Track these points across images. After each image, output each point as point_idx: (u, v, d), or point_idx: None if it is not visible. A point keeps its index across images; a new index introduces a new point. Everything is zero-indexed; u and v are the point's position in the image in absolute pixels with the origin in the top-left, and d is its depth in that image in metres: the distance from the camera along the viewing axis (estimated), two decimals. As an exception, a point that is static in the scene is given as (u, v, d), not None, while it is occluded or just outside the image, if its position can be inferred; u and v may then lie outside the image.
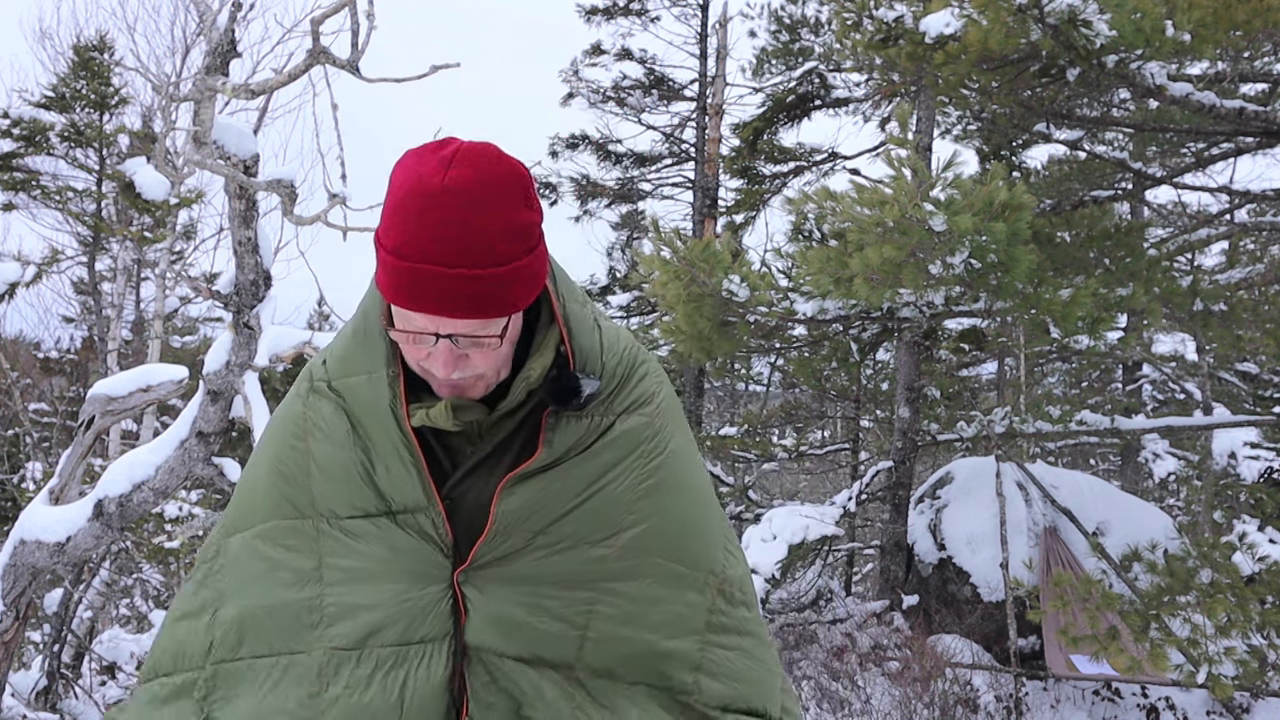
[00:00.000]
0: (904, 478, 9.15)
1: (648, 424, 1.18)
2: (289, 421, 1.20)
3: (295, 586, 1.12)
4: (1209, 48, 4.34)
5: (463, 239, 0.99)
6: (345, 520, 1.13)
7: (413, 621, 1.08)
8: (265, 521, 1.16)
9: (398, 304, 1.03)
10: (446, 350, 1.05)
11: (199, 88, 3.28)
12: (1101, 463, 16.66)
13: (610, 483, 1.15)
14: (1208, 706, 7.12)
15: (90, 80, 12.03)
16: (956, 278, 4.55)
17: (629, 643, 1.12)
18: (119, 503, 3.80)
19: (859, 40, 5.17)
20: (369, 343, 1.15)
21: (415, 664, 1.07)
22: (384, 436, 1.13)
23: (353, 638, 1.08)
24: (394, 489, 1.12)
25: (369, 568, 1.11)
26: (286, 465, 1.18)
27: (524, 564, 1.11)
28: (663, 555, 1.16)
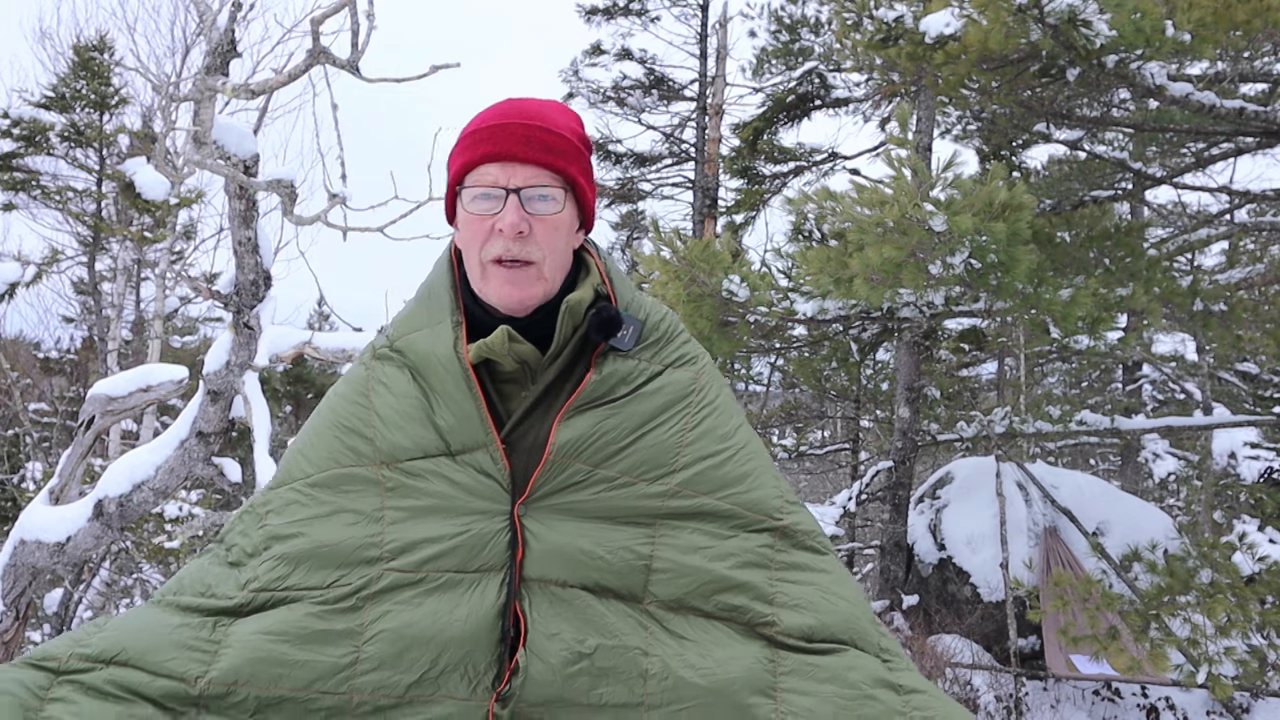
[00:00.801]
0: (904, 478, 9.15)
1: (694, 379, 1.27)
2: (352, 384, 1.28)
3: (356, 526, 1.15)
4: (1209, 48, 4.34)
5: (535, 108, 1.21)
6: (406, 463, 1.18)
7: (471, 552, 1.12)
8: (322, 471, 1.21)
9: (475, 159, 1.18)
10: (514, 210, 1.16)
11: (199, 88, 3.28)
12: (1101, 463, 16.66)
13: (660, 425, 1.21)
14: (1208, 706, 7.12)
15: (90, 80, 12.03)
16: (956, 278, 4.54)
17: (696, 572, 1.14)
18: (119, 503, 3.80)
19: (859, 40, 5.16)
20: (433, 301, 1.26)
21: (469, 590, 1.10)
22: (444, 378, 1.19)
23: (411, 564, 1.11)
24: (453, 429, 1.18)
25: (430, 504, 1.15)
26: (348, 420, 1.23)
27: (584, 497, 1.16)
28: (716, 496, 1.20)
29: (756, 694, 1.08)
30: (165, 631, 1.08)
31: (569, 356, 1.21)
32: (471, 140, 1.20)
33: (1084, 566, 7.18)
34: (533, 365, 1.20)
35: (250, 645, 1.06)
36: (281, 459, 1.30)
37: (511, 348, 1.18)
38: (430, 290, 1.28)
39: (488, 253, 1.18)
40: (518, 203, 1.16)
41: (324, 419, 1.26)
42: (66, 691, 1.00)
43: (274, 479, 1.26)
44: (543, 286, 1.19)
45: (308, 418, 1.51)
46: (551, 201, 1.18)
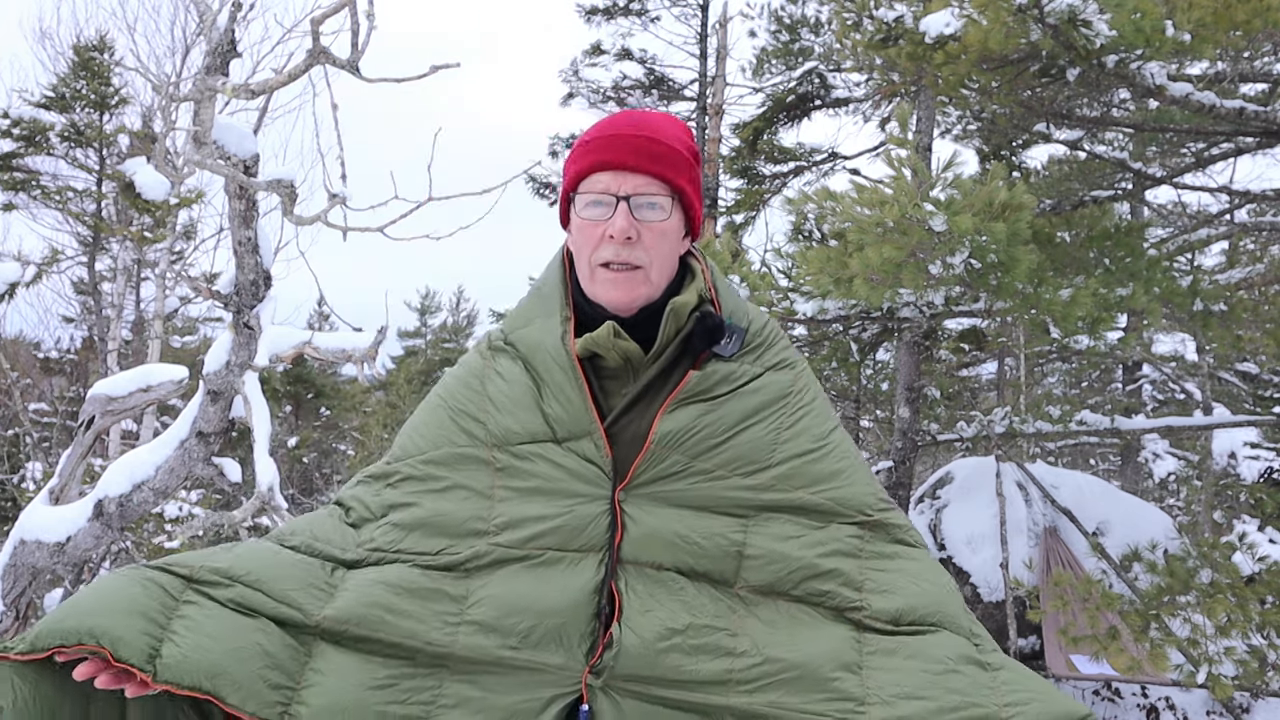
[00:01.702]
0: (904, 478, 9.15)
1: (793, 381, 1.34)
2: (468, 370, 1.37)
3: (468, 501, 1.24)
4: (1209, 48, 4.34)
5: (647, 120, 1.30)
6: (516, 446, 1.26)
7: (573, 532, 1.19)
8: (437, 449, 1.30)
9: (588, 167, 1.27)
10: (624, 216, 1.24)
11: (199, 88, 3.28)
12: (1101, 463, 16.66)
13: (759, 422, 1.27)
14: (1208, 706, 7.12)
15: (90, 80, 12.03)
16: (956, 278, 4.54)
17: (787, 559, 1.20)
18: (119, 503, 3.80)
19: (859, 40, 5.16)
20: (545, 297, 1.35)
21: (569, 566, 1.17)
22: (552, 369, 1.28)
23: (516, 540, 1.20)
24: (560, 417, 1.26)
25: (536, 485, 1.23)
26: (464, 404, 1.32)
27: (681, 487, 1.23)
28: (810, 491, 1.25)
29: (841, 669, 1.11)
30: (286, 566, 1.18)
31: (671, 356, 1.28)
32: (586, 149, 1.28)
33: (1084, 566, 7.18)
34: (635, 363, 1.27)
35: (366, 592, 1.15)
36: (398, 436, 1.39)
37: (616, 344, 1.25)
38: (542, 288, 1.37)
39: (598, 256, 1.26)
40: (627, 209, 1.24)
41: (440, 401, 1.36)
42: (197, 597, 1.09)
43: (391, 454, 1.35)
44: (647, 289, 1.27)
45: (308, 418, 1.61)
46: (659, 209, 1.26)
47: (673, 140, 1.29)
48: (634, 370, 1.27)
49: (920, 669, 1.11)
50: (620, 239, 1.23)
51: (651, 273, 1.26)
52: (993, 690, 1.08)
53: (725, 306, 1.34)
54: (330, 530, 1.27)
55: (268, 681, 1.06)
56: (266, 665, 1.07)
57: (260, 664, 1.06)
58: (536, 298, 1.37)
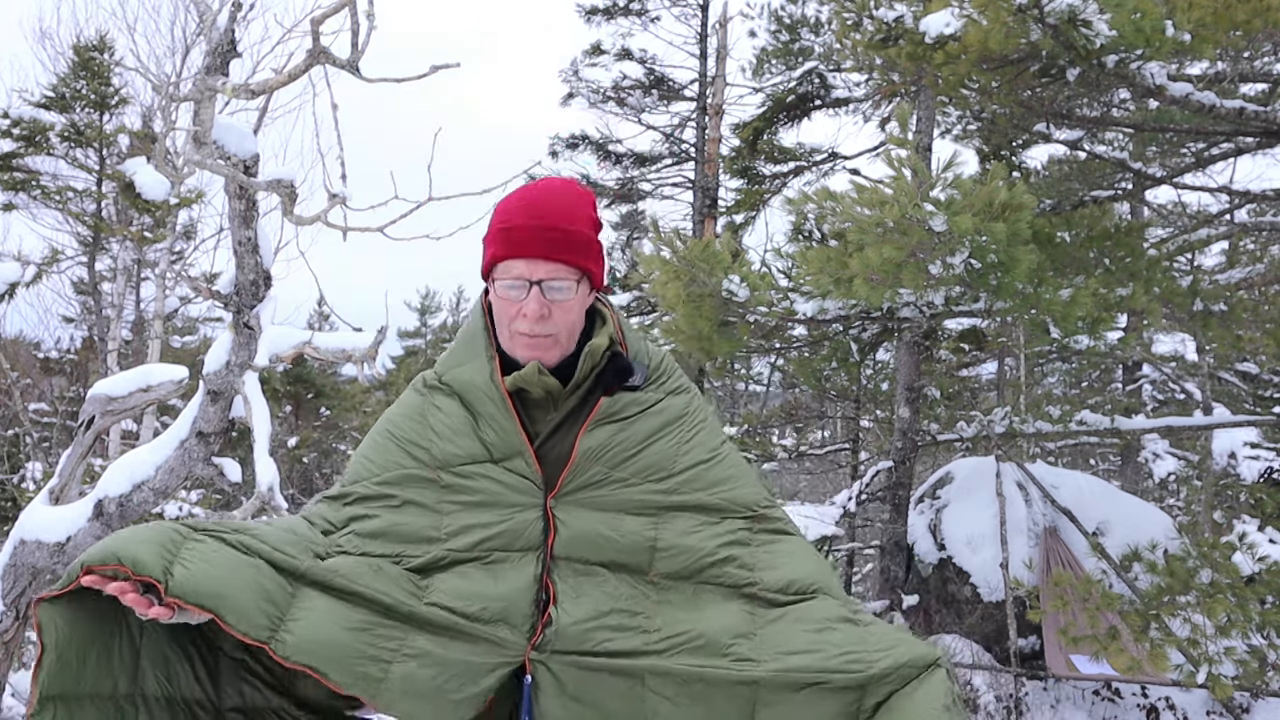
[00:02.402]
0: (904, 478, 9.15)
1: (687, 404, 1.57)
2: (409, 407, 1.57)
3: (421, 514, 1.45)
4: (1209, 48, 4.34)
5: (552, 205, 1.47)
6: (458, 467, 1.47)
7: (514, 535, 1.43)
8: (389, 472, 1.49)
9: (502, 256, 1.45)
10: (536, 299, 1.42)
11: (199, 88, 3.28)
12: (1101, 463, 16.66)
13: (663, 438, 1.51)
14: (1208, 706, 7.12)
15: (90, 80, 12.02)
16: (956, 278, 4.54)
17: (690, 551, 1.44)
18: (119, 503, 3.80)
19: (859, 40, 5.16)
20: (471, 343, 1.55)
21: (512, 564, 1.41)
22: (485, 402, 1.49)
23: (466, 545, 1.42)
24: (495, 441, 1.47)
25: (480, 499, 1.45)
26: (409, 434, 1.52)
27: (602, 494, 1.46)
28: (708, 493, 1.49)
29: (738, 636, 1.36)
30: (278, 534, 1.38)
31: (587, 388, 1.51)
32: (502, 237, 1.46)
33: (1084, 566, 7.18)
34: (555, 395, 1.49)
35: (347, 559, 1.39)
36: (349, 464, 1.58)
37: (541, 380, 1.46)
38: (468, 334, 1.58)
39: (516, 326, 1.46)
40: (539, 293, 1.43)
41: (386, 434, 1.55)
42: (204, 537, 1.29)
43: (344, 479, 1.54)
44: (559, 351, 1.48)
45: (308, 418, 1.71)
46: (567, 289, 1.45)
47: (577, 223, 1.47)
48: (554, 401, 1.50)
49: (804, 630, 1.36)
50: (534, 317, 1.43)
51: (561, 337, 1.47)
52: (864, 641, 1.33)
53: (631, 346, 1.57)
54: (304, 529, 1.46)
55: (261, 610, 1.25)
56: (260, 597, 1.26)
57: (255, 594, 1.25)
58: (463, 343, 1.57)
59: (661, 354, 1.62)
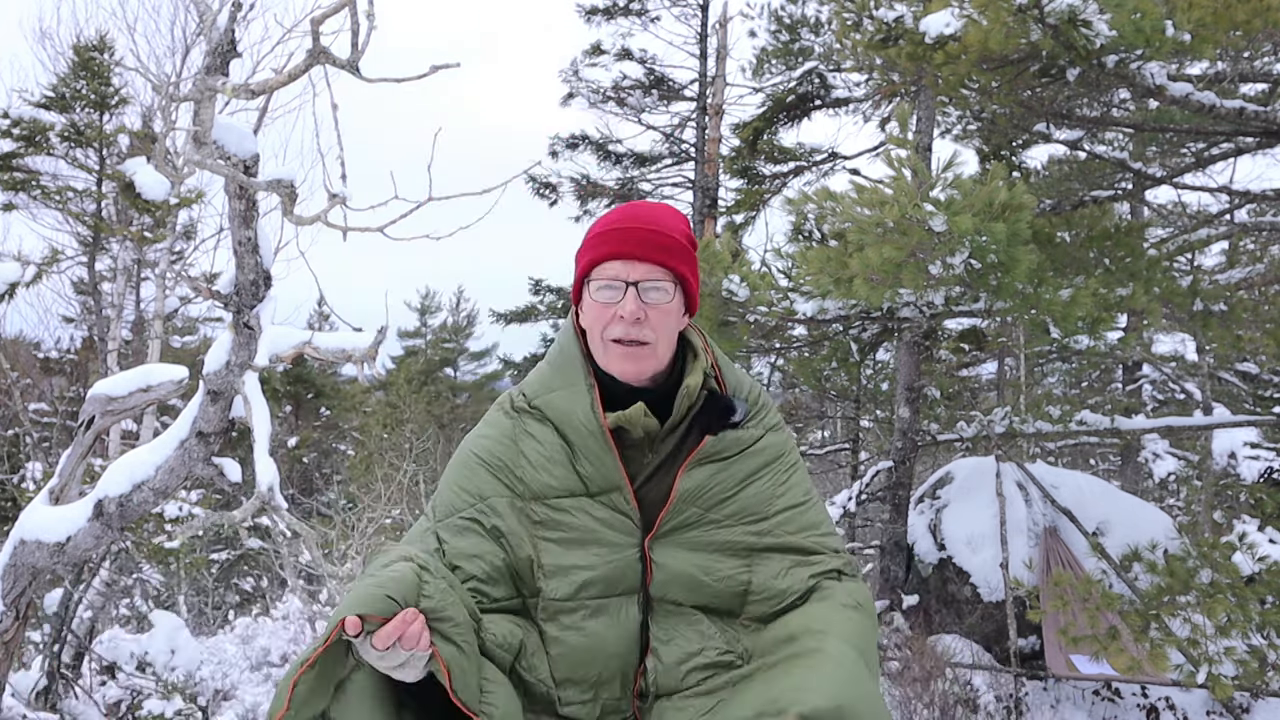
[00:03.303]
0: (904, 478, 9.15)
1: (784, 442, 1.55)
2: (498, 429, 1.52)
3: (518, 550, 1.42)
4: (1209, 48, 4.34)
5: (650, 214, 1.48)
6: (553, 499, 1.43)
7: (614, 578, 1.41)
8: (486, 499, 1.45)
9: (601, 256, 1.43)
10: (633, 300, 1.40)
11: (199, 88, 3.28)
12: (1101, 463, 16.65)
13: (760, 478, 1.49)
14: (1208, 706, 7.12)
15: (90, 80, 12.02)
16: (956, 278, 4.54)
17: (781, 594, 1.43)
18: (119, 503, 3.80)
19: (859, 40, 5.16)
20: (566, 368, 1.50)
21: (617, 610, 1.41)
22: (582, 433, 1.44)
23: (566, 592, 1.40)
24: (592, 474, 1.43)
25: (576, 536, 1.42)
26: (500, 458, 1.47)
27: (696, 534, 1.44)
28: (801, 536, 1.48)
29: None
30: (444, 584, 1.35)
31: (684, 429, 1.48)
32: (599, 240, 1.45)
33: (1084, 566, 7.18)
34: (653, 435, 1.45)
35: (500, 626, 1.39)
36: (438, 493, 1.54)
37: (644, 421, 1.43)
38: (561, 357, 1.53)
39: (610, 333, 1.42)
40: (636, 294, 1.41)
41: (474, 459, 1.50)
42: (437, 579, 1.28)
43: (439, 509, 1.49)
44: (654, 362, 1.45)
45: (308, 418, 1.64)
46: (663, 293, 1.43)
47: (674, 232, 1.46)
48: (651, 441, 1.46)
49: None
50: (630, 319, 1.40)
51: (658, 348, 1.44)
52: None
53: (728, 380, 1.54)
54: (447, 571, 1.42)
55: (473, 677, 1.26)
56: (473, 665, 1.26)
57: (472, 661, 1.26)
58: (557, 368, 1.52)
59: (758, 388, 1.59)
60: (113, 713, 6.26)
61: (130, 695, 6.50)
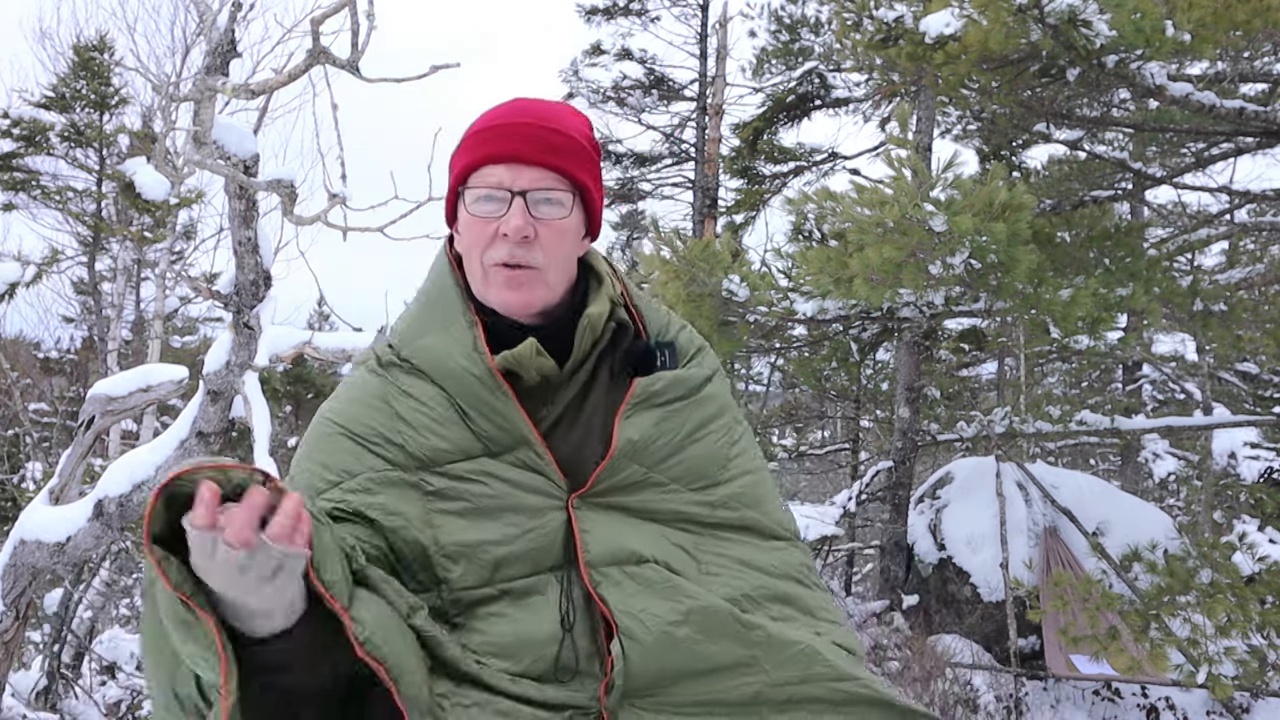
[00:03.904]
0: (904, 478, 9.15)
1: (725, 392, 1.30)
2: (365, 392, 1.20)
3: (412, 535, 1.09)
4: (1209, 48, 4.34)
5: (543, 109, 1.20)
6: (447, 465, 1.13)
7: (542, 551, 1.11)
8: (354, 478, 1.12)
9: (479, 159, 1.16)
10: (519, 213, 1.13)
11: (199, 88, 3.28)
12: (1101, 463, 16.65)
13: (707, 435, 1.22)
14: (1208, 706, 7.12)
15: (90, 80, 12.03)
16: (956, 278, 4.54)
17: (749, 575, 1.17)
18: (119, 503, 3.80)
19: (859, 40, 5.16)
20: (439, 305, 1.21)
21: (556, 590, 1.10)
22: (467, 381, 1.15)
23: (479, 576, 1.09)
24: (490, 430, 1.14)
25: (483, 505, 1.11)
26: (373, 426, 1.15)
27: (635, 500, 1.16)
28: (757, 511, 1.23)
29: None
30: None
31: (589, 371, 1.19)
32: (476, 140, 1.18)
33: (1084, 566, 7.18)
34: (549, 379, 1.17)
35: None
36: (293, 474, 1.19)
37: (537, 361, 1.15)
38: (434, 295, 1.22)
39: (490, 256, 1.15)
40: (523, 206, 1.13)
41: (337, 429, 1.17)
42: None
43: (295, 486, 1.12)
44: (545, 292, 1.17)
45: (307, 418, 1.48)
46: (558, 205, 1.16)
47: (572, 130, 1.18)
48: (548, 388, 1.17)
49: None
50: (516, 237, 1.12)
51: (549, 274, 1.16)
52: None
53: (648, 318, 1.26)
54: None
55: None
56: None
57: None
58: (426, 307, 1.22)
59: (681, 322, 1.32)
60: (113, 713, 6.26)
61: (130, 695, 6.50)
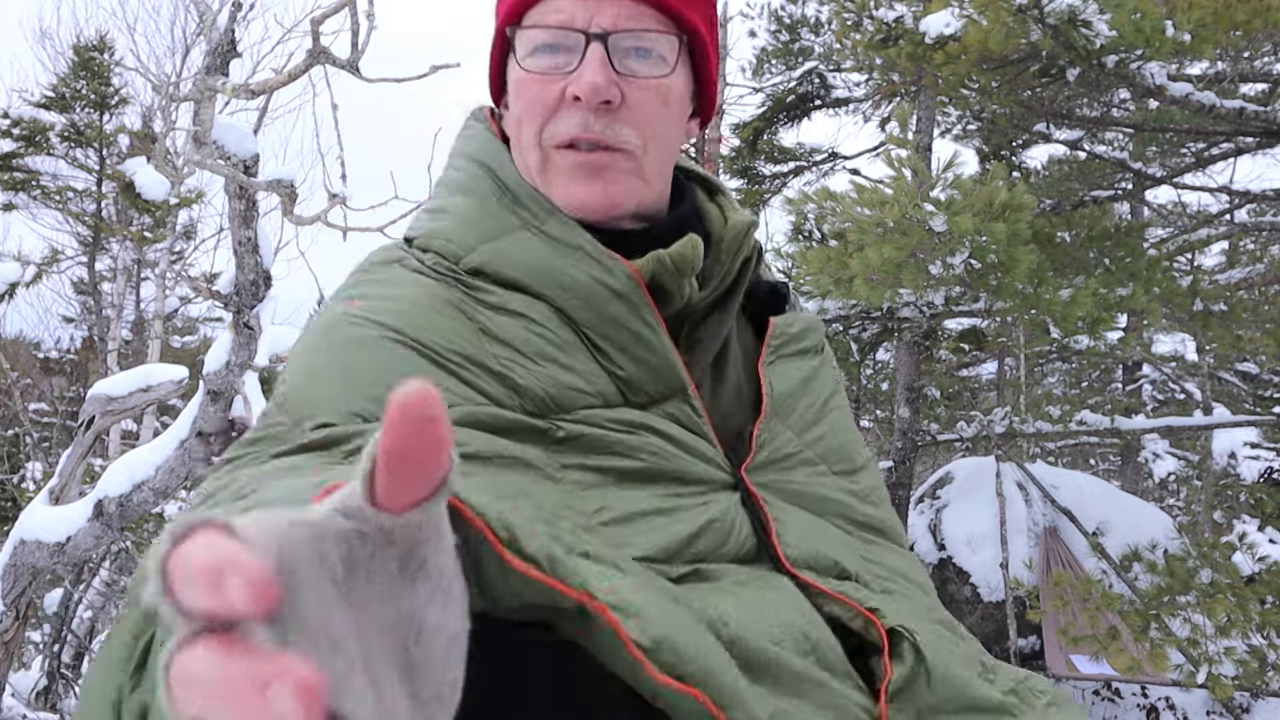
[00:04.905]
0: (904, 478, 9.15)
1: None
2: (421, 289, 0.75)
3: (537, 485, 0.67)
4: (1209, 48, 4.34)
5: None
6: (584, 411, 0.72)
7: (719, 534, 0.71)
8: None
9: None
10: (598, 67, 0.74)
11: (199, 88, 3.28)
12: (1101, 463, 16.65)
13: (835, 408, 0.89)
14: (1208, 706, 7.12)
15: (90, 80, 12.03)
16: (956, 278, 4.54)
17: (915, 595, 0.83)
18: (119, 503, 3.81)
19: (859, 40, 5.16)
20: (505, 197, 0.80)
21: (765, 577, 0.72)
22: (598, 298, 0.74)
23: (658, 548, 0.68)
24: (631, 370, 0.74)
25: (631, 466, 0.71)
26: (453, 342, 0.71)
27: (799, 479, 0.80)
28: (886, 510, 0.90)
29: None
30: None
31: (725, 298, 0.83)
32: None
33: (1084, 566, 7.18)
34: (689, 306, 0.80)
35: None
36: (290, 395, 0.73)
37: (694, 258, 0.77)
38: (489, 183, 0.81)
39: (554, 132, 0.77)
40: (603, 55, 0.75)
41: (388, 337, 0.71)
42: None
43: (293, 412, 0.71)
44: (638, 189, 0.78)
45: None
46: (658, 59, 0.77)
47: None
48: (679, 321, 0.80)
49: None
50: (593, 102, 0.75)
51: (646, 160, 0.78)
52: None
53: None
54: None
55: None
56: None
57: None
58: (484, 200, 0.81)
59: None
60: (113, 713, 6.27)
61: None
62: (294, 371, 0.76)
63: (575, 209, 0.78)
